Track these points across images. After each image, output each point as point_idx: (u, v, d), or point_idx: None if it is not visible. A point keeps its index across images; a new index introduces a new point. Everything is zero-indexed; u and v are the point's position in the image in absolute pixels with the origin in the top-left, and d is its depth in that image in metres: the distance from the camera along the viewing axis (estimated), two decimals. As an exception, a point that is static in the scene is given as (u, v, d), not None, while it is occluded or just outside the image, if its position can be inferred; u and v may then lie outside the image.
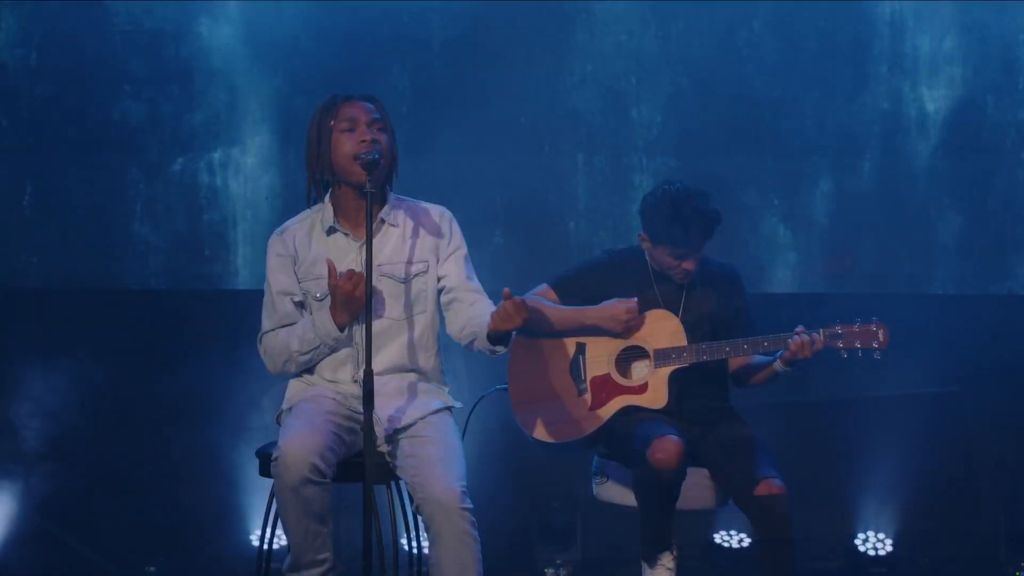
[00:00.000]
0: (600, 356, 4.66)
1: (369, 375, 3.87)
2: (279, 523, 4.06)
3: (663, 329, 4.64)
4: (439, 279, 4.25)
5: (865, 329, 4.50)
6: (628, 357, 4.68)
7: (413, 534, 4.25)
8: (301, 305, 4.23)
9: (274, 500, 4.03)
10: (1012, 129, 6.03)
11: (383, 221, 4.20)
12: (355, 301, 4.00)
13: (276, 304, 4.22)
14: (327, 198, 4.23)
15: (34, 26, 6.06)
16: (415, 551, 4.28)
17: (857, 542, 5.97)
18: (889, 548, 5.95)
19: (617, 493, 4.62)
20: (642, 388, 4.63)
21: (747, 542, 5.92)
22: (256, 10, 6.04)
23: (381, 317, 4.15)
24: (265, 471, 4.13)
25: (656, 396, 4.61)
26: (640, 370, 4.67)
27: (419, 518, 4.04)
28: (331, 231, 4.21)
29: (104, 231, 6.10)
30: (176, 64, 6.07)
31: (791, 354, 4.49)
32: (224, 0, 6.05)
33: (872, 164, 6.05)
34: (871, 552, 5.95)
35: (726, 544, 5.97)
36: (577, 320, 4.66)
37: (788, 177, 6.07)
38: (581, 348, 4.68)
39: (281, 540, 5.40)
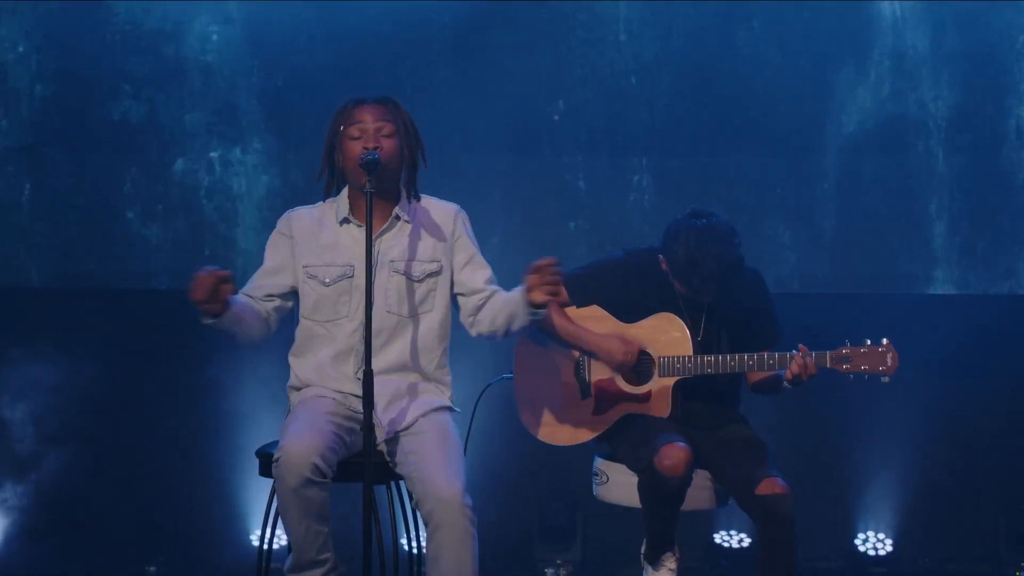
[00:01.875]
0: None
1: (369, 374, 3.88)
2: (279, 523, 4.06)
3: (669, 335, 4.57)
4: (458, 283, 4.25)
5: (873, 351, 4.43)
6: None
7: (413, 534, 4.25)
8: (291, 291, 4.25)
9: (274, 500, 4.03)
10: (1012, 129, 6.03)
11: (397, 218, 4.23)
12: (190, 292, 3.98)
13: (259, 275, 4.28)
14: (344, 191, 4.27)
15: (34, 26, 6.06)
16: (415, 551, 4.27)
17: (857, 542, 5.97)
18: (889, 548, 5.95)
19: (617, 493, 4.61)
20: (646, 396, 4.59)
21: (747, 542, 5.92)
22: (256, 10, 6.04)
23: (391, 313, 4.16)
24: (265, 471, 4.13)
25: (660, 406, 4.56)
26: (645, 376, 4.63)
27: (419, 517, 4.04)
28: (344, 222, 4.23)
29: (104, 231, 6.11)
30: (176, 64, 6.07)
31: (791, 374, 4.44)
32: (224, 0, 6.05)
33: (872, 164, 6.05)
34: (871, 552, 5.96)
35: (726, 544, 5.97)
36: (576, 339, 4.60)
37: (788, 177, 6.07)
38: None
39: (281, 540, 5.41)
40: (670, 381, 4.55)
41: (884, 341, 4.45)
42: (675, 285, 4.55)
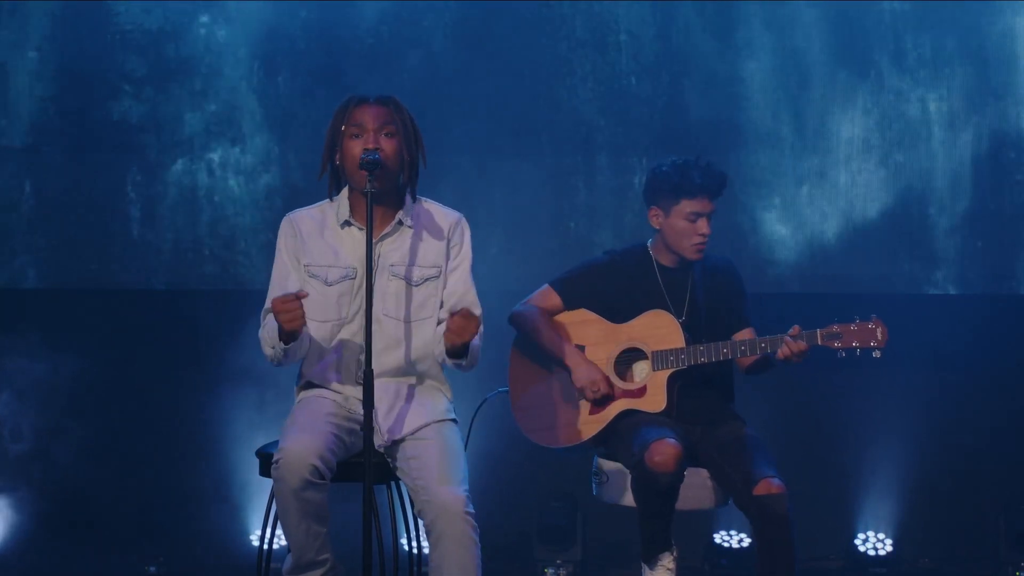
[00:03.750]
0: (599, 359, 4.65)
1: (369, 375, 3.87)
2: (279, 523, 4.06)
3: (661, 329, 4.61)
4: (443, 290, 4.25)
5: (863, 327, 4.47)
6: (627, 359, 4.66)
7: (413, 534, 4.25)
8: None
9: (274, 501, 4.03)
10: (1012, 129, 6.03)
11: (400, 223, 4.20)
12: (281, 322, 3.93)
13: (279, 284, 4.20)
14: (344, 192, 4.24)
15: (34, 26, 6.06)
16: (415, 551, 4.28)
17: (857, 542, 5.97)
18: (889, 548, 5.95)
19: (617, 493, 4.61)
20: (640, 391, 4.61)
21: (747, 542, 5.92)
22: (256, 10, 6.04)
23: (389, 317, 4.15)
24: (265, 471, 4.13)
25: (655, 399, 4.59)
26: (639, 372, 4.65)
27: (419, 518, 4.04)
28: (345, 224, 4.21)
29: (104, 231, 6.10)
30: (176, 64, 6.07)
31: (783, 355, 4.47)
32: (224, 0, 6.05)
33: (873, 164, 6.05)
34: (871, 552, 5.96)
35: (726, 544, 5.97)
36: (558, 353, 4.65)
37: (788, 177, 6.07)
38: (580, 351, 4.67)
39: (281, 540, 5.40)
40: (664, 374, 4.58)
41: (873, 317, 4.48)
42: (656, 272, 4.66)
